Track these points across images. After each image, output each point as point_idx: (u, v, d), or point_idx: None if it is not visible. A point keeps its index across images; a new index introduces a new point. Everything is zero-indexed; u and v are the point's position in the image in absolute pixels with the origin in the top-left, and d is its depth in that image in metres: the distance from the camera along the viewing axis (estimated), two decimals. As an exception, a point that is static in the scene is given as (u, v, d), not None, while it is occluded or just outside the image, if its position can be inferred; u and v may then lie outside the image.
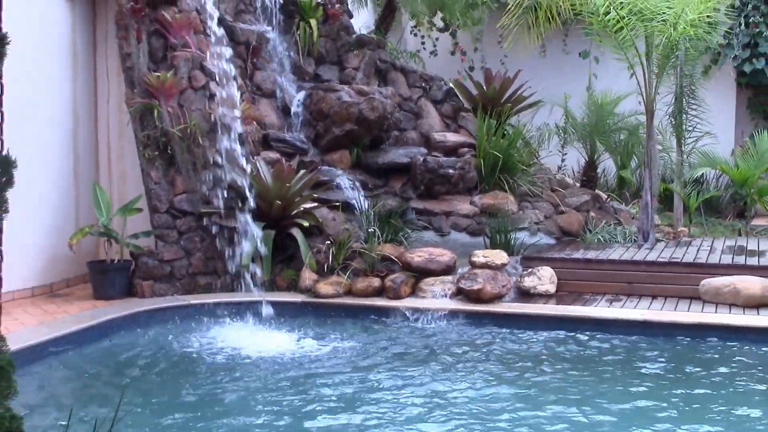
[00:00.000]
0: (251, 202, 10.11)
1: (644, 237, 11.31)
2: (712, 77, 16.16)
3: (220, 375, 7.57)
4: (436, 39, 17.16)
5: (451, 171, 11.80)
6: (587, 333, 8.84)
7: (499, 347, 8.50)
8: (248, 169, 10.29)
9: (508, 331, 9.01)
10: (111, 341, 8.69)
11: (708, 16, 11.03)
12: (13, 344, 4.98)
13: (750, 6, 13.42)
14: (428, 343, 8.66)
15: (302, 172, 10.78)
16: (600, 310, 9.32)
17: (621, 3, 10.83)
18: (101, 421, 4.06)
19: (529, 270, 9.97)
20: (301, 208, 10.46)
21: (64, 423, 5.94)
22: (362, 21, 14.70)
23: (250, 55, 11.70)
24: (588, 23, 11.57)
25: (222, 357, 8.15)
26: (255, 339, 8.68)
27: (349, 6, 13.45)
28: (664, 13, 10.72)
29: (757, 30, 16.16)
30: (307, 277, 10.05)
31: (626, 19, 10.85)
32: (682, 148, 12.91)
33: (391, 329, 9.23)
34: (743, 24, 15.63)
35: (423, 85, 13.01)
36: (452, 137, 12.53)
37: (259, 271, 9.87)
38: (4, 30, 3.34)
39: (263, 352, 8.24)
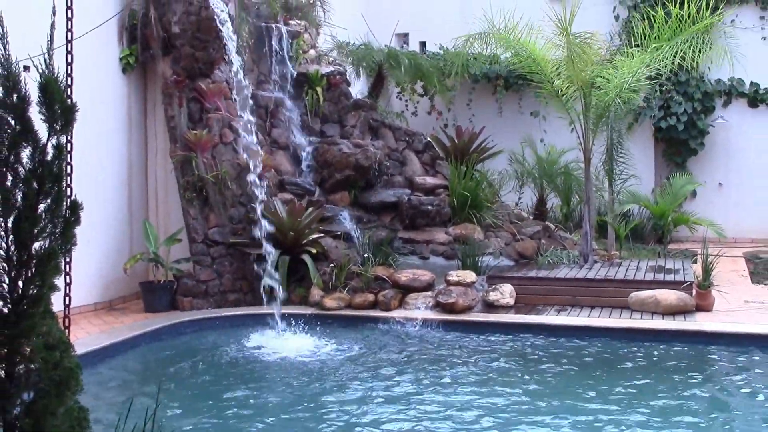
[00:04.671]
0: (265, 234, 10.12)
1: (585, 259, 11.33)
2: (635, 132, 16.21)
3: (247, 368, 7.80)
4: (417, 102, 17.21)
5: (430, 207, 11.82)
6: (540, 336, 8.86)
7: (467, 347, 8.54)
8: (264, 207, 10.31)
9: (476, 335, 9.02)
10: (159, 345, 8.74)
11: (636, 86, 11.21)
12: (80, 349, 4.98)
13: (664, 77, 13.50)
14: (412, 344, 8.73)
15: (311, 209, 10.78)
16: (550, 318, 9.33)
17: (559, 72, 11.05)
18: (150, 414, 4.03)
19: (493, 286, 9.97)
20: (310, 238, 10.44)
21: (121, 412, 5.94)
22: (358, 88, 14.78)
23: (268, 116, 11.75)
24: (540, 89, 11.74)
25: (248, 355, 8.28)
26: (274, 342, 8.74)
27: (348, 77, 13.51)
28: (605, 81, 10.95)
29: (670, 95, 16.24)
30: (316, 293, 10.04)
31: (571, 85, 11.00)
32: (613, 188, 12.94)
33: (383, 334, 9.24)
34: (658, 90, 15.72)
35: (407, 138, 13.03)
36: (431, 180, 12.55)
37: (276, 289, 9.85)
38: (74, 99, 3.37)
39: (280, 351, 8.35)
